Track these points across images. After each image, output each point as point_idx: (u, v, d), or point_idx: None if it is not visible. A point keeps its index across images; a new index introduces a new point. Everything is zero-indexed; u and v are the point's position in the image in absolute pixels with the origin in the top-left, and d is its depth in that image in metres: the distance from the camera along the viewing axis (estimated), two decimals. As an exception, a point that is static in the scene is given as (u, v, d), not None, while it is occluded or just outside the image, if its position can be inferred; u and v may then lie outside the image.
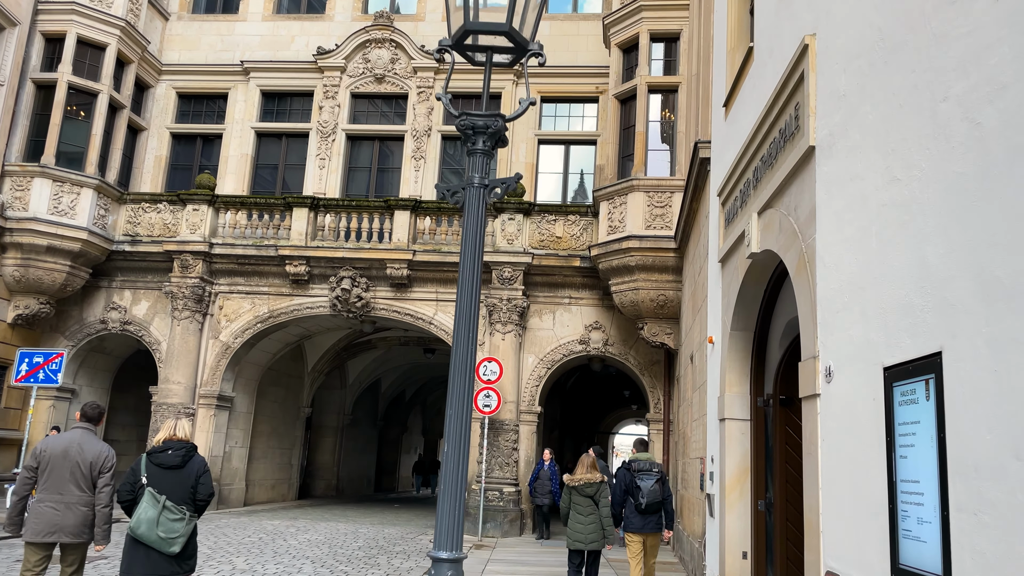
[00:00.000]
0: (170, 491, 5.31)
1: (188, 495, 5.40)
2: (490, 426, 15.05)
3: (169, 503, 5.25)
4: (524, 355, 16.00)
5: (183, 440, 5.55)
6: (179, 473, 5.40)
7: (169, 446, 5.46)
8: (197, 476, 5.48)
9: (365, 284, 16.37)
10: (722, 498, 7.92)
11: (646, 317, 14.48)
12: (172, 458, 5.41)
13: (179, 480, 5.38)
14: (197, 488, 5.44)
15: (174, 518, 5.25)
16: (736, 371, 7.99)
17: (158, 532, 5.17)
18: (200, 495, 5.46)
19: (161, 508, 5.22)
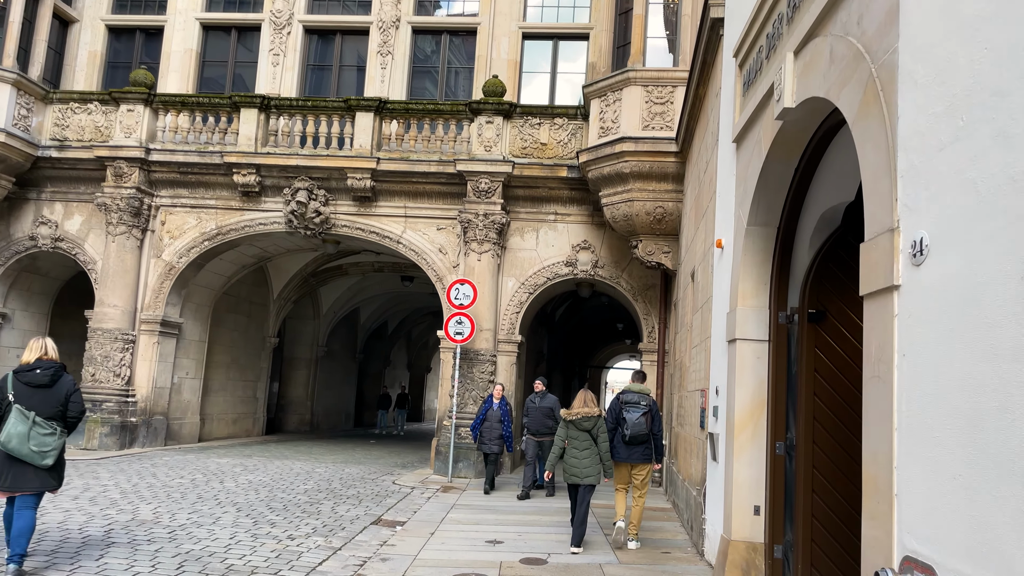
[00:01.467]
0: (39, 408, 5.58)
1: (57, 413, 5.67)
2: (463, 356, 13.38)
3: (39, 419, 5.54)
4: (503, 278, 14.22)
5: (52, 360, 5.81)
6: (48, 392, 5.66)
7: (38, 365, 5.70)
8: (67, 395, 5.73)
9: (324, 197, 14.45)
10: (730, 439, 6.23)
11: (641, 233, 12.64)
12: (41, 377, 5.65)
13: (47, 398, 5.64)
14: (68, 406, 5.71)
15: (45, 432, 5.55)
16: (752, 279, 6.20)
17: (30, 446, 5.47)
18: (71, 413, 5.73)
19: (31, 423, 5.51)
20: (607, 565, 6.92)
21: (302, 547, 7.05)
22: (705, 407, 7.53)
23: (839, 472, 5.74)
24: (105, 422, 13.88)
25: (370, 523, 8.46)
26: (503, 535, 8.06)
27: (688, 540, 8.16)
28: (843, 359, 5.85)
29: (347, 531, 7.93)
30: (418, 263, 14.52)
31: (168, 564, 6.11)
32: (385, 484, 11.84)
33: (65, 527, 7.18)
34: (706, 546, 7.08)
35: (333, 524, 8.24)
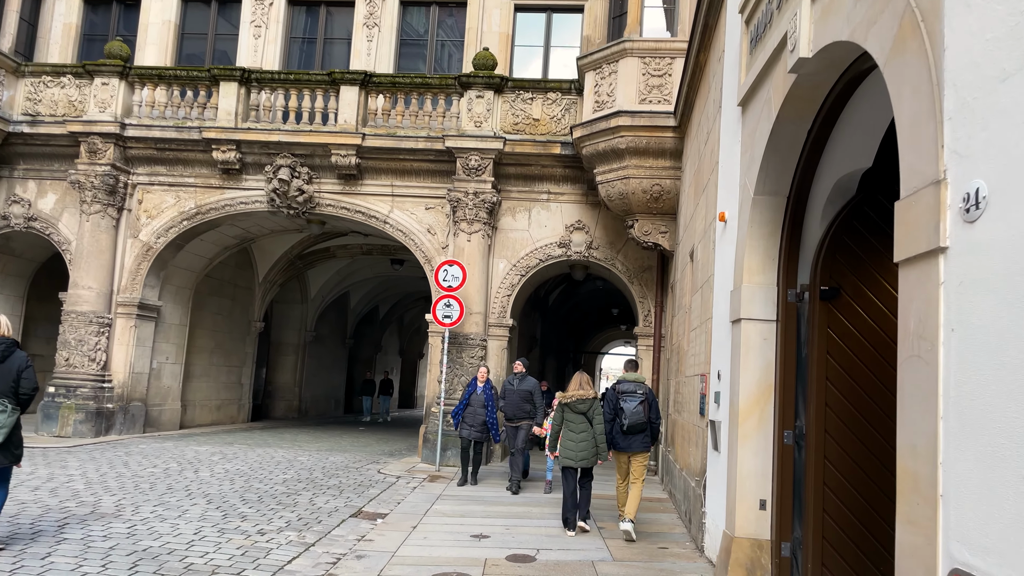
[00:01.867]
0: None
1: (10, 389, 5.58)
2: (452, 341, 12.87)
3: None
4: (494, 260, 13.69)
5: (4, 336, 5.69)
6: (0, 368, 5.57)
7: None
8: (19, 371, 5.62)
9: (307, 175, 13.87)
10: (733, 427, 5.74)
11: (637, 213, 12.11)
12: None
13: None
14: (20, 383, 5.60)
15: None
16: (759, 253, 5.69)
17: None
18: (23, 389, 5.62)
19: None
20: (600, 563, 6.44)
21: (272, 543, 6.55)
22: (705, 393, 7.04)
23: (854, 464, 5.25)
24: (80, 408, 13.35)
25: (349, 516, 7.97)
26: (490, 529, 7.58)
27: (686, 533, 7.69)
28: (859, 340, 5.35)
29: (323, 525, 7.43)
30: (406, 244, 13.97)
31: (120, 563, 5.60)
32: (370, 473, 11.35)
33: (17, 522, 6.66)
34: (706, 541, 6.60)
35: (309, 517, 7.75)
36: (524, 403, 10.29)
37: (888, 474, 5.21)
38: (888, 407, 5.26)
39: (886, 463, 5.21)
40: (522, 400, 10.29)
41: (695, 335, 8.23)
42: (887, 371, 5.30)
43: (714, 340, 6.78)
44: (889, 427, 5.29)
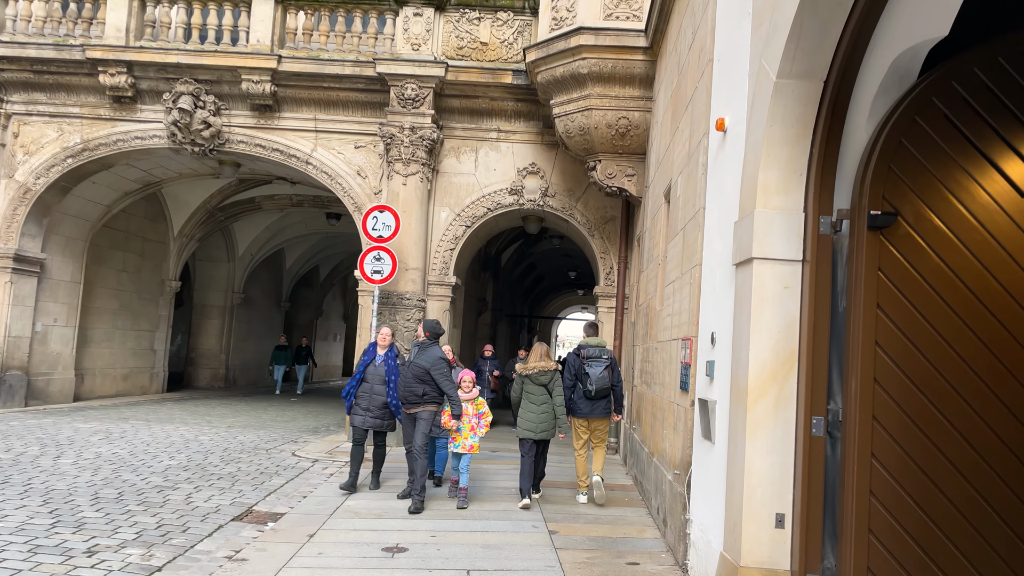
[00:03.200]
0: None
1: None
2: (384, 301, 11.05)
3: None
4: (435, 207, 11.84)
5: None
6: None
7: None
8: None
9: (214, 105, 11.77)
10: (738, 410, 4.10)
11: (600, 152, 10.37)
12: None
13: None
14: None
15: None
16: (781, 165, 4.00)
17: None
18: None
19: None
20: (550, 589, 4.80)
21: (99, 568, 4.75)
22: (690, 362, 5.39)
23: (914, 465, 3.66)
24: (-62, 379, 11.21)
25: (231, 519, 6.18)
26: (411, 537, 5.88)
27: (660, 539, 6.11)
28: (923, 288, 3.73)
29: (188, 535, 5.64)
30: (331, 189, 12.02)
31: None
32: (282, 456, 9.55)
33: None
34: (691, 558, 5.00)
35: (174, 523, 5.94)
36: (418, 382, 7.07)
37: (966, 482, 3.62)
38: (968, 385, 3.66)
39: (965, 465, 3.63)
40: (415, 379, 7.08)
41: (673, 290, 6.57)
42: (965, 333, 3.70)
43: (705, 293, 5.11)
44: (967, 414, 3.71)
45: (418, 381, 7.06)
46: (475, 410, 7.41)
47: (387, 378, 7.53)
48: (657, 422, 7.05)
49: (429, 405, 7.12)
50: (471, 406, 7.39)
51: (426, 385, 7.05)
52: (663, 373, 6.88)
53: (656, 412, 7.20)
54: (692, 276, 5.55)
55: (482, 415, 7.47)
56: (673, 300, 6.49)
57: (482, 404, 7.55)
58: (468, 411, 7.31)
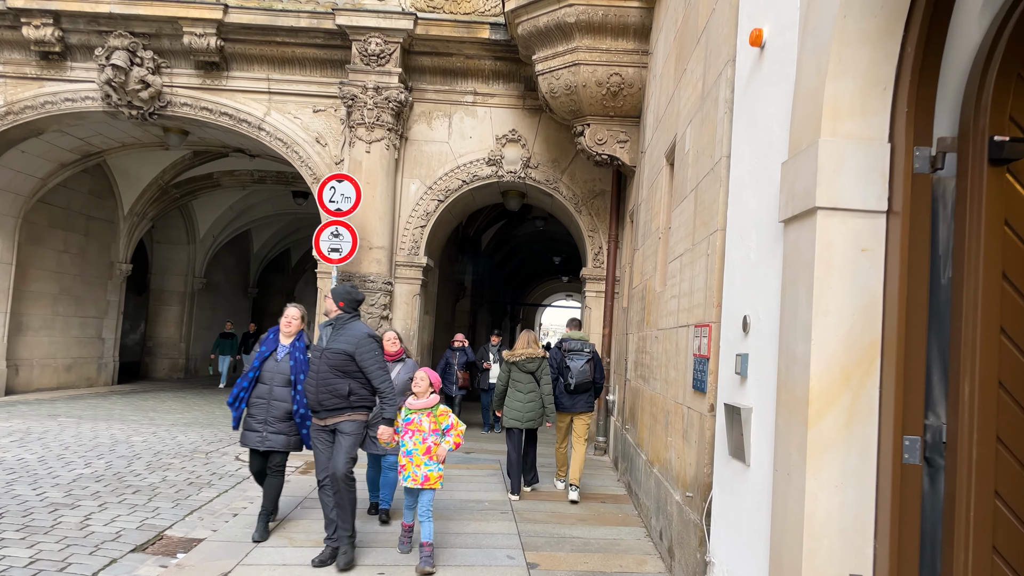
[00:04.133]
0: None
1: None
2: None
3: None
4: (403, 179, 10.57)
5: None
6: None
7: None
8: None
9: (153, 62, 10.40)
10: (791, 424, 2.89)
11: (589, 115, 9.14)
12: None
13: None
14: None
15: None
16: (858, 73, 2.78)
17: None
18: None
19: None
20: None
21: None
22: (707, 355, 4.20)
23: (1062, 510, 2.49)
24: None
25: (129, 551, 4.95)
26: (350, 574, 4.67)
27: (666, 574, 4.93)
28: (1074, 250, 2.55)
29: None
30: (287, 158, 10.71)
31: None
32: (223, 461, 8.31)
33: None
34: (712, 613, 3.83)
35: (53, 557, 4.69)
36: (337, 377, 4.88)
37: None
38: None
39: None
40: (333, 372, 4.87)
41: (680, 267, 5.37)
42: None
43: (731, 264, 3.91)
44: None
45: (338, 375, 4.81)
46: (434, 424, 5.04)
47: (293, 377, 5.33)
48: (659, 426, 5.87)
49: (357, 412, 4.91)
50: (426, 419, 5.03)
51: (351, 380, 4.85)
52: (665, 367, 5.69)
53: (656, 413, 6.01)
54: (710, 245, 4.35)
55: (448, 429, 5.08)
56: (680, 279, 5.29)
57: (445, 415, 5.11)
58: (423, 426, 5.01)
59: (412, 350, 10.31)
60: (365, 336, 4.95)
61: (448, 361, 11.43)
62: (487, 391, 11.46)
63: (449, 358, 11.52)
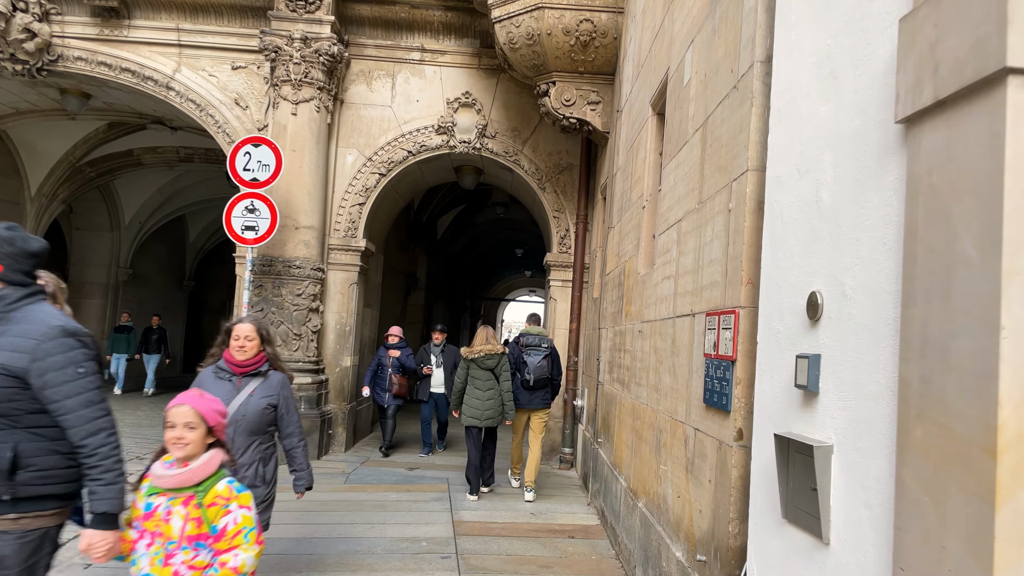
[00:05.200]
0: None
1: None
2: (266, 270, 8.28)
3: None
4: (338, 149, 9.08)
5: None
6: None
7: None
8: None
9: (41, 7, 8.73)
10: (940, 487, 1.42)
11: (555, 71, 7.77)
12: None
13: None
14: None
15: None
16: None
17: None
18: None
19: None
20: None
21: None
22: (732, 355, 2.84)
23: None
24: None
25: None
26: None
27: (659, 657, 3.58)
28: None
29: None
30: (201, 123, 9.13)
31: None
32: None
33: None
34: None
35: None
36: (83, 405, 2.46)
37: None
38: None
39: None
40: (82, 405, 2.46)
41: (676, 236, 4.00)
42: None
43: (775, 216, 2.51)
44: None
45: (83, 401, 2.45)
46: (196, 525, 2.40)
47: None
48: (645, 446, 4.51)
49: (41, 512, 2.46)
50: (182, 510, 2.41)
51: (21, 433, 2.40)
52: (655, 370, 4.34)
53: (641, 430, 4.65)
54: (732, 196, 2.98)
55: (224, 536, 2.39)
56: (679, 252, 3.93)
57: (220, 506, 2.42)
58: (171, 526, 2.39)
59: (348, 348, 8.86)
60: (53, 333, 2.43)
61: (381, 362, 9.19)
62: (428, 402, 9.28)
63: (382, 358, 9.22)
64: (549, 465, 8.90)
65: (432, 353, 9.36)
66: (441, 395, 9.23)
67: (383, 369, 9.07)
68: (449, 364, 9.16)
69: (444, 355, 9.31)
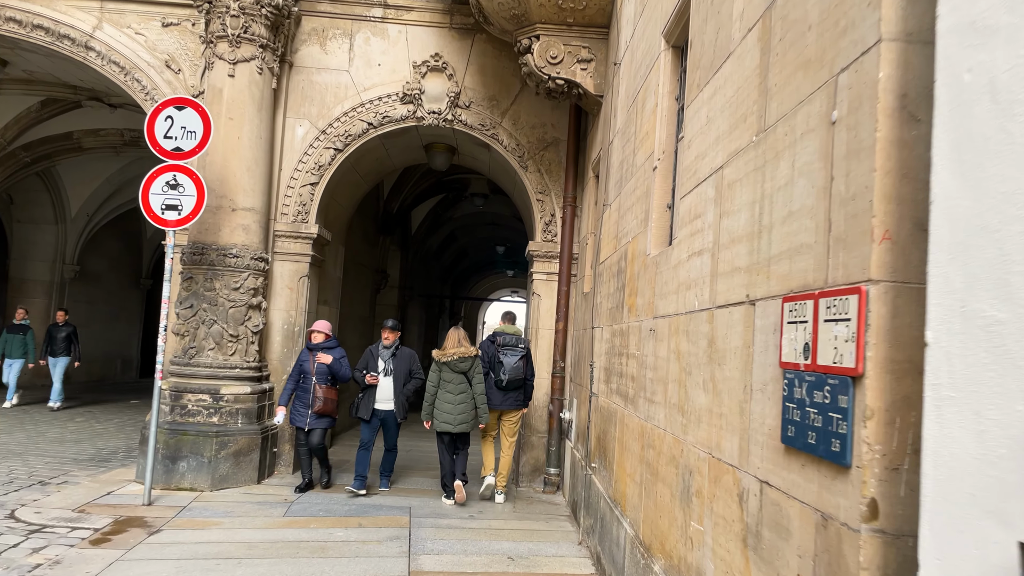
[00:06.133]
0: None
1: None
2: (197, 259, 6.98)
3: None
4: (285, 119, 7.79)
5: None
6: None
7: None
8: None
9: (-72, -54, 7.39)
10: None
11: (538, 22, 6.54)
12: None
13: None
14: None
15: None
16: None
17: None
18: None
19: None
20: None
21: None
22: (852, 368, 1.61)
23: None
24: None
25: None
26: None
27: None
28: None
29: None
30: (128, 90, 7.81)
31: None
32: (-17, 521, 5.40)
33: None
34: None
35: None
36: None
37: None
38: None
39: None
40: None
41: (711, 193, 2.78)
42: None
43: (958, 103, 1.30)
44: None
45: None
46: None
47: None
48: (662, 487, 3.27)
49: None
50: None
51: None
52: (678, 383, 3.12)
53: (656, 463, 3.42)
54: (835, 99, 1.76)
55: None
56: (719, 214, 2.70)
57: None
58: None
59: (297, 351, 7.60)
60: None
61: (303, 368, 6.87)
62: (371, 421, 6.99)
63: (304, 363, 6.89)
64: (532, 487, 7.67)
65: (380, 357, 7.08)
66: (389, 413, 7.00)
67: (306, 378, 6.84)
68: (402, 372, 7.04)
69: (396, 360, 7.06)
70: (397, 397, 7.00)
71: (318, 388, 6.80)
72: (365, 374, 7.02)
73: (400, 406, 7.04)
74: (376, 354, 7.12)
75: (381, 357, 7.10)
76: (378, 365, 7.06)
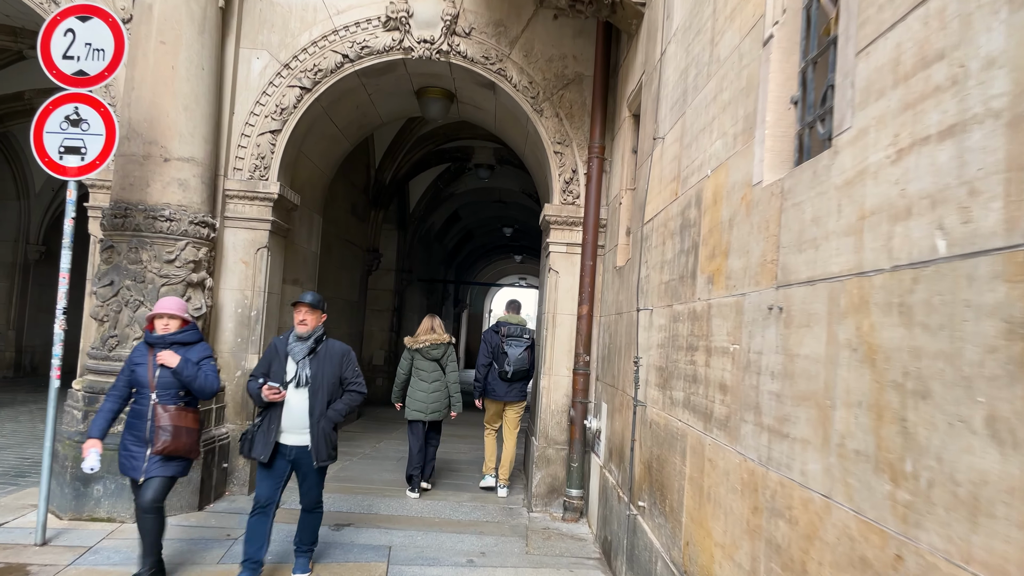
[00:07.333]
0: None
1: None
2: (116, 221, 5.42)
3: None
4: (239, 49, 6.19)
5: None
6: None
7: None
8: None
9: None
10: None
11: (561, -94, 4.91)
12: None
13: None
14: None
15: None
16: None
17: None
18: None
19: None
20: None
21: None
22: None
23: None
24: None
25: None
26: None
27: None
28: None
29: None
30: (35, 8, 6.22)
31: None
32: None
33: None
34: None
35: None
36: None
37: None
38: None
39: None
40: None
41: None
42: None
43: None
44: None
45: None
46: None
47: None
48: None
49: None
50: None
51: None
52: (869, 411, 1.51)
53: (787, 546, 1.83)
54: None
55: None
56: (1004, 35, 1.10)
57: None
58: None
59: (254, 341, 6.06)
60: None
61: (134, 376, 4.05)
62: (271, 467, 4.07)
63: (137, 367, 4.05)
64: (549, 512, 6.11)
65: (290, 354, 4.18)
66: (302, 451, 4.10)
67: (141, 393, 4.03)
68: (327, 381, 4.15)
69: (316, 362, 4.15)
70: (316, 424, 4.07)
71: (160, 411, 3.93)
72: (262, 384, 4.07)
73: (322, 439, 4.08)
74: (285, 349, 4.18)
75: (291, 353, 4.16)
76: (285, 367, 4.14)
